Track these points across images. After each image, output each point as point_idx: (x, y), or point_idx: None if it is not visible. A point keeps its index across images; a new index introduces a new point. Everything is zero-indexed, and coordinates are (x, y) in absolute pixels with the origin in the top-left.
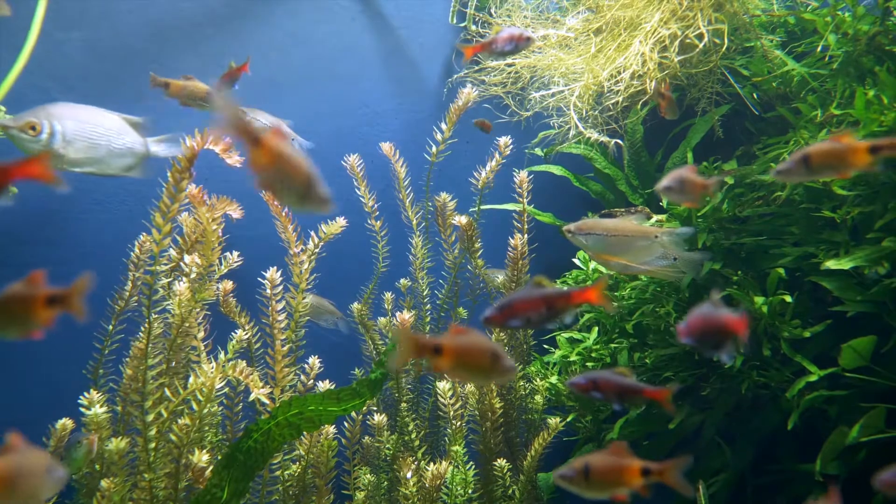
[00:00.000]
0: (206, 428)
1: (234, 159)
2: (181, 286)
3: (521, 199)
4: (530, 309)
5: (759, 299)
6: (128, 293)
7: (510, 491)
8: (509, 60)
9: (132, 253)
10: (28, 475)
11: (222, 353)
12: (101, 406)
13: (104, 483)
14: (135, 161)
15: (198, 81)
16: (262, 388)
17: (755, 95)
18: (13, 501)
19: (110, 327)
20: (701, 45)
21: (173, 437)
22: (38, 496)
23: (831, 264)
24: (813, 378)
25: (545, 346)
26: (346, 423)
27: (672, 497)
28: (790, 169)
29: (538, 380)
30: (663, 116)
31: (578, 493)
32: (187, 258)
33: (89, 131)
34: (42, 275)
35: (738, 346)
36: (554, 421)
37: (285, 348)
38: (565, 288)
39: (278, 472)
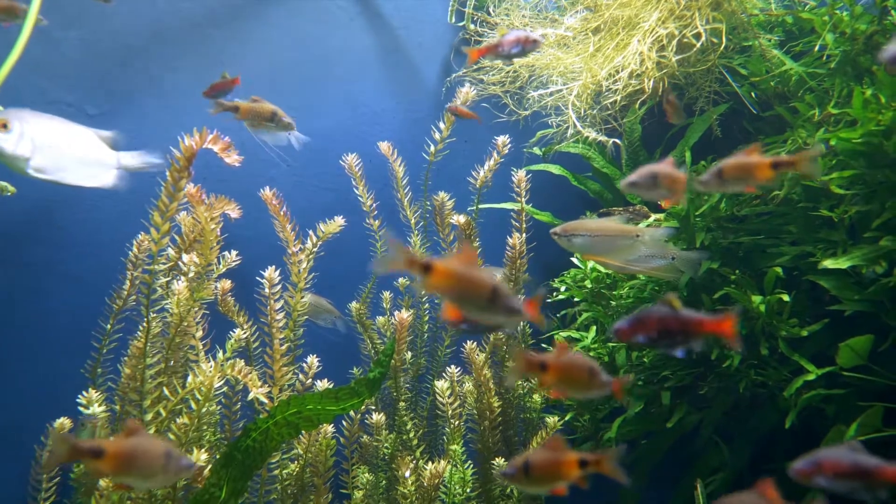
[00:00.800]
0: (205, 427)
1: (233, 159)
2: (179, 285)
3: (519, 199)
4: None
5: (756, 298)
6: (126, 292)
7: (508, 490)
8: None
9: (130, 252)
10: (146, 456)
11: (221, 352)
12: (100, 405)
13: (103, 482)
14: (103, 173)
15: (265, 102)
16: (261, 387)
17: (753, 94)
18: (131, 480)
19: (108, 326)
20: (699, 45)
21: (172, 436)
22: (156, 479)
23: (829, 263)
24: (811, 377)
25: (544, 345)
26: (344, 422)
27: (672, 497)
28: (707, 181)
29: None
30: (669, 122)
31: (522, 489)
32: (185, 257)
33: (58, 139)
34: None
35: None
36: (552, 420)
37: (284, 347)
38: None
39: (277, 472)
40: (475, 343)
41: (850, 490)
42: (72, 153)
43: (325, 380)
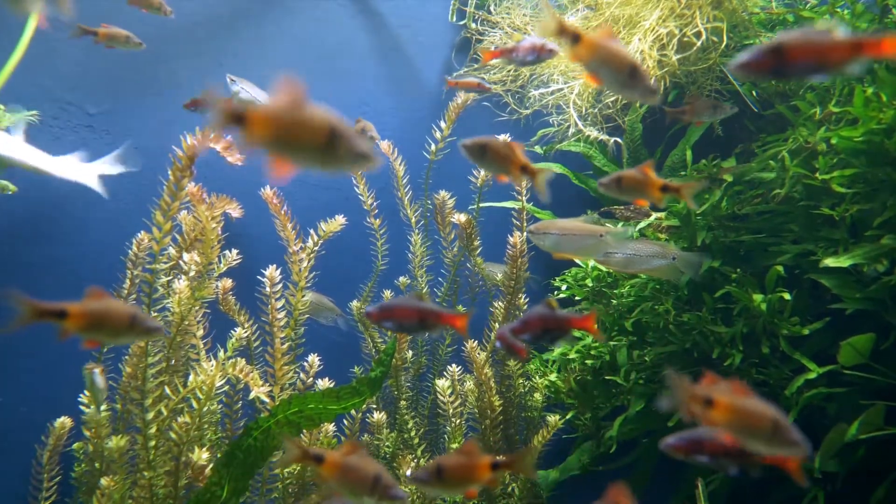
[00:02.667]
0: (206, 426)
1: (235, 158)
2: (181, 284)
3: (519, 197)
4: (544, 327)
5: (757, 297)
6: (126, 291)
7: (510, 488)
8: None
9: (130, 251)
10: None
11: (222, 351)
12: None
13: (104, 481)
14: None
15: (365, 122)
16: (262, 386)
17: (754, 93)
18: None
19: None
20: (699, 43)
21: (173, 435)
22: (122, 337)
23: (830, 262)
24: (812, 375)
25: (544, 343)
26: (345, 421)
27: (672, 496)
28: (608, 184)
29: (537, 378)
30: (696, 123)
31: (434, 494)
32: (186, 256)
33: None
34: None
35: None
36: (553, 419)
37: (285, 346)
38: (568, 313)
39: (278, 470)
40: (476, 342)
41: (719, 466)
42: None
43: (326, 378)
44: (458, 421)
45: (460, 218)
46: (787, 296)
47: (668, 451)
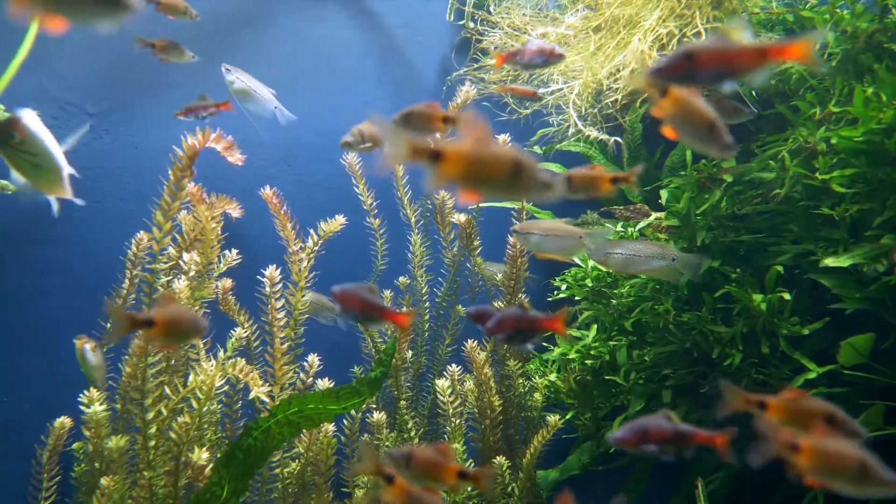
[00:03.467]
0: (206, 426)
1: (236, 158)
2: (180, 284)
3: None
4: (517, 327)
5: (757, 297)
6: (125, 291)
7: (509, 488)
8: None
9: (129, 251)
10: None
11: (221, 351)
12: (101, 404)
13: (104, 481)
14: None
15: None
16: (262, 386)
17: (754, 93)
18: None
19: (108, 325)
20: None
21: (173, 435)
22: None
23: (830, 262)
24: (812, 375)
25: (544, 343)
26: (345, 421)
27: (672, 496)
28: (558, 185)
29: (537, 377)
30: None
31: (398, 475)
32: (186, 256)
33: None
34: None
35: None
36: (553, 419)
37: (284, 346)
38: (539, 314)
39: (277, 470)
40: (476, 342)
41: (666, 453)
42: None
43: (326, 378)
44: (457, 421)
45: (460, 218)
46: (786, 296)
47: (618, 445)
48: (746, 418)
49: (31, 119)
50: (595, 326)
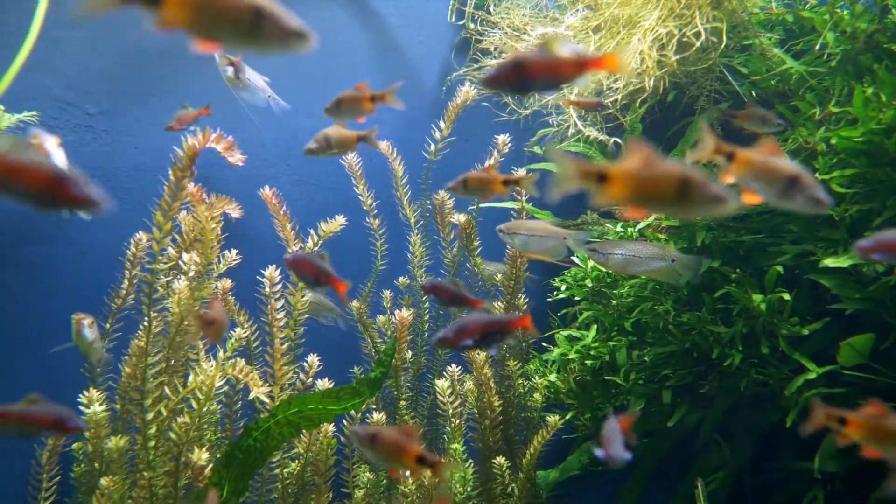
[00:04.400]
0: (206, 426)
1: (237, 158)
2: (180, 284)
3: (519, 198)
4: (484, 332)
5: (757, 297)
6: (124, 291)
7: (509, 489)
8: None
9: (128, 251)
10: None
11: (221, 351)
12: (100, 404)
13: (103, 481)
14: None
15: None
16: (262, 386)
17: (754, 93)
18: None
19: (108, 325)
20: (699, 43)
21: (173, 436)
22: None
23: (830, 262)
24: (811, 375)
25: (544, 343)
26: (345, 422)
27: (672, 496)
28: (455, 187)
29: (537, 378)
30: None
31: (362, 451)
32: (186, 256)
33: None
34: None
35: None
36: (553, 419)
37: (284, 346)
38: (505, 316)
39: (277, 471)
40: None
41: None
42: None
43: (326, 379)
44: (457, 421)
45: (460, 218)
46: (786, 296)
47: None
48: (745, 416)
49: (49, 143)
50: (595, 327)
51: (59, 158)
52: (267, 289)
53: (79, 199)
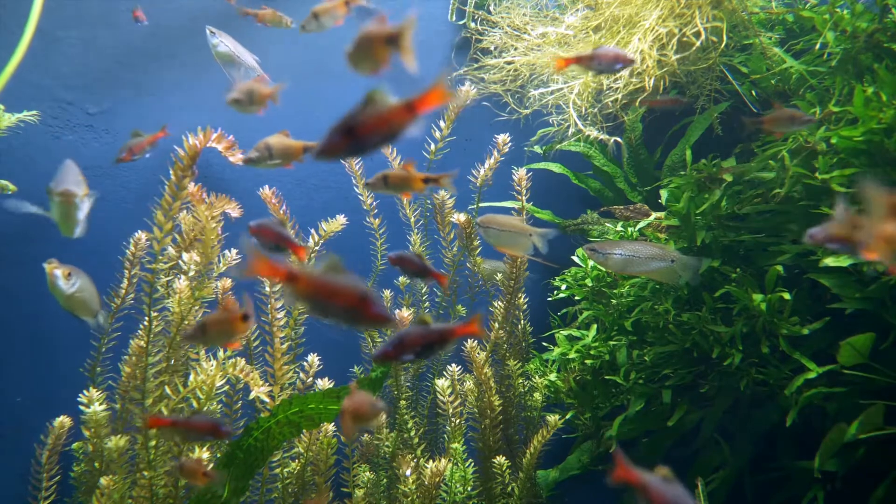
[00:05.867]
0: None
1: (237, 157)
2: (181, 284)
3: (519, 197)
4: (425, 343)
5: (757, 296)
6: (124, 291)
7: (509, 488)
8: (508, 59)
9: (128, 251)
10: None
11: (221, 351)
12: (100, 404)
13: (104, 481)
14: None
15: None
16: (262, 386)
17: (754, 93)
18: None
19: (107, 325)
20: (699, 43)
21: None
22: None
23: (830, 261)
24: (811, 375)
25: (544, 343)
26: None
27: None
28: (374, 183)
29: (537, 377)
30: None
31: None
32: (186, 256)
33: None
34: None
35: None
36: (553, 418)
37: (284, 346)
38: (448, 324)
39: (278, 470)
40: (476, 342)
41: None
42: None
43: (326, 378)
44: (457, 420)
45: (460, 217)
46: (786, 295)
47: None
48: (745, 415)
49: (70, 169)
50: (595, 326)
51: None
52: (267, 288)
53: (379, 317)
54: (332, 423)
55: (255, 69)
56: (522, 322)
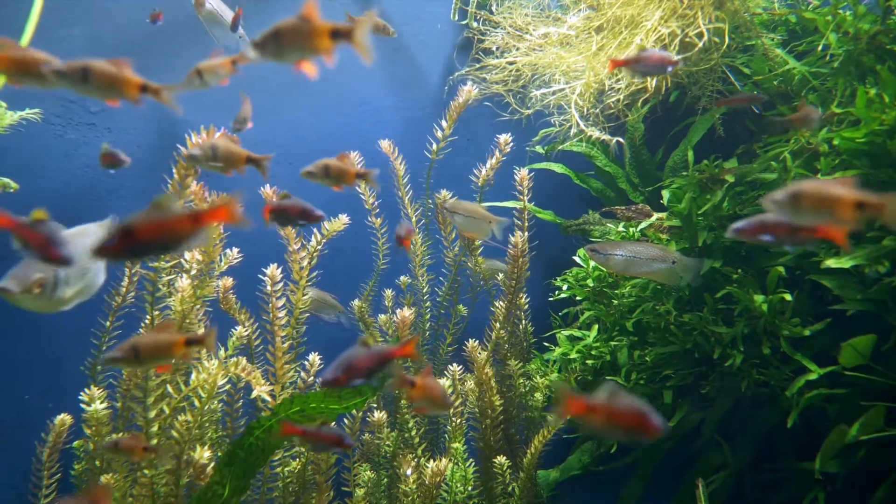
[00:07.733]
0: (207, 424)
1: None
2: (182, 283)
3: (521, 197)
4: (369, 366)
5: (758, 297)
6: (124, 289)
7: (510, 488)
8: (510, 59)
9: None
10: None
11: (223, 349)
12: (101, 402)
13: (104, 479)
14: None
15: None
16: (264, 385)
17: (756, 94)
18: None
19: (108, 324)
20: (701, 44)
21: (175, 434)
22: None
23: (831, 263)
24: (812, 376)
25: (545, 343)
26: (346, 420)
27: (673, 496)
28: (315, 171)
29: (538, 377)
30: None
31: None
32: (188, 255)
33: None
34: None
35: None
36: (553, 418)
37: (286, 345)
38: (387, 346)
39: (278, 469)
40: (477, 341)
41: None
42: None
43: None
44: (458, 420)
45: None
46: (788, 297)
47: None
48: (746, 416)
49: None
50: (596, 326)
51: None
52: (268, 287)
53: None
54: (334, 423)
55: (237, 29)
56: (524, 322)
